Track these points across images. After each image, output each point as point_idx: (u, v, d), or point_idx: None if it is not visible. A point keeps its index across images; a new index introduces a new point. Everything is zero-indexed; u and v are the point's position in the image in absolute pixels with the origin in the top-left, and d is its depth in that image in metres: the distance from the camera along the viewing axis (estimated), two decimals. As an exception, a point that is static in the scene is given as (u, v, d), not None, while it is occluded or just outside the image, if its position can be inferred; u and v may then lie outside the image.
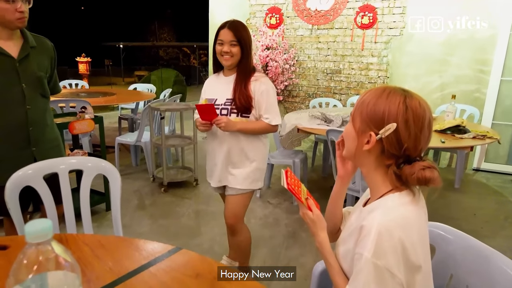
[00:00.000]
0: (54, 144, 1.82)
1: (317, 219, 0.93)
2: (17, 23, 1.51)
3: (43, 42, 1.71)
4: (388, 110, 0.81)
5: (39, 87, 1.67)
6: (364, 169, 0.91)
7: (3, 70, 1.54)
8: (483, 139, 2.62)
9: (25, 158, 1.62)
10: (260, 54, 4.44)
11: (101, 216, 2.86)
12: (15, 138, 1.62)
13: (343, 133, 0.94)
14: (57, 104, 3.52)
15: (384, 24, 4.33)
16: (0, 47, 1.53)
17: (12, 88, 1.57)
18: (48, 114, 1.77)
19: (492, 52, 3.94)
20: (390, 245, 0.76)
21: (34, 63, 1.63)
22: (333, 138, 2.57)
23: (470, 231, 0.99)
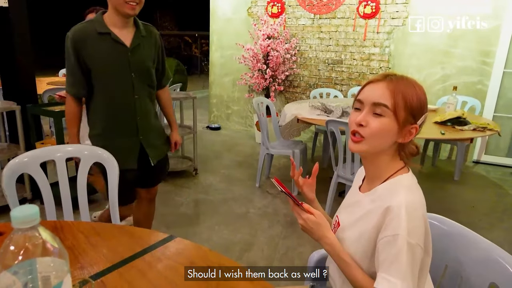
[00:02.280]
0: (159, 132, 1.84)
1: (321, 220, 0.90)
2: (127, 9, 1.48)
3: (151, 31, 1.69)
4: (424, 99, 0.86)
5: (147, 77, 1.67)
6: (379, 158, 0.89)
7: (117, 58, 1.56)
8: (483, 131, 2.60)
9: (133, 146, 1.70)
10: (261, 44, 4.39)
11: (99, 204, 2.88)
12: (126, 127, 1.67)
13: (369, 129, 0.85)
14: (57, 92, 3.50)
15: (387, 14, 4.27)
16: (115, 34, 1.54)
17: (123, 77, 1.58)
18: (153, 104, 1.79)
19: (495, 43, 3.89)
20: (418, 222, 0.80)
21: (143, 53, 1.63)
22: (333, 129, 2.56)
23: (468, 223, 0.99)
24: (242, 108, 5.40)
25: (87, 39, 1.51)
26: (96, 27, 1.52)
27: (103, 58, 1.54)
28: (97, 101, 1.63)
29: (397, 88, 0.84)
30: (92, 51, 1.52)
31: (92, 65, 1.54)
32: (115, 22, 1.54)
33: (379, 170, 0.90)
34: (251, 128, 5.34)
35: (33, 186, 2.75)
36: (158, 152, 1.81)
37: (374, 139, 0.86)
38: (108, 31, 1.53)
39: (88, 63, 1.54)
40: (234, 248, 2.37)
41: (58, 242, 0.53)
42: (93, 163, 1.53)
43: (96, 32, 1.52)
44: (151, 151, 1.75)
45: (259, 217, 2.81)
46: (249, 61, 4.54)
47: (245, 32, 4.87)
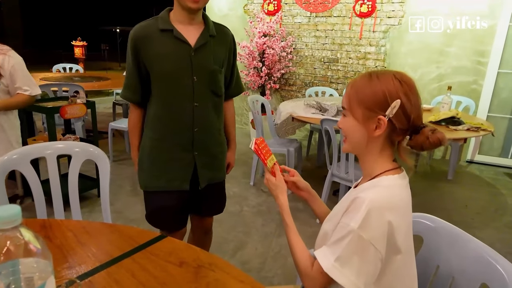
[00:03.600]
0: (217, 150, 1.55)
1: (279, 183, 1.02)
2: (189, 3, 1.28)
3: (223, 31, 1.48)
4: (387, 89, 0.83)
5: (211, 82, 1.42)
6: (367, 154, 0.90)
7: (177, 58, 1.34)
8: (477, 131, 2.62)
9: (186, 162, 1.45)
10: (257, 41, 4.37)
11: (93, 201, 2.86)
12: (181, 138, 1.42)
13: (343, 130, 0.91)
14: (50, 88, 3.47)
15: (383, 13, 4.27)
16: (178, 31, 1.34)
17: (183, 81, 1.36)
18: (218, 116, 1.52)
19: (490, 43, 3.90)
20: (378, 222, 0.78)
21: (210, 54, 1.40)
22: (327, 128, 2.55)
23: (461, 222, 1.00)
24: (238, 106, 5.38)
25: (148, 37, 1.33)
26: (159, 24, 1.34)
27: (162, 58, 1.34)
28: (153, 108, 1.42)
29: (353, 87, 0.88)
30: (151, 50, 1.34)
31: (150, 66, 1.36)
32: (181, 19, 1.35)
33: (368, 169, 0.90)
34: (246, 126, 5.33)
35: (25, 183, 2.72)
36: (210, 175, 1.53)
37: (349, 138, 0.91)
38: (170, 27, 1.33)
39: (146, 64, 1.36)
40: (228, 246, 2.37)
41: (41, 243, 0.51)
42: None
43: (158, 29, 1.34)
44: (202, 172, 1.48)
45: (253, 215, 2.80)
46: (245, 59, 4.52)
47: (241, 29, 4.84)
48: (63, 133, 2.88)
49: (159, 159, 1.44)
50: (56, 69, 5.51)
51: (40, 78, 4.22)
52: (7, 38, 2.67)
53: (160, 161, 1.44)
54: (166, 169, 1.44)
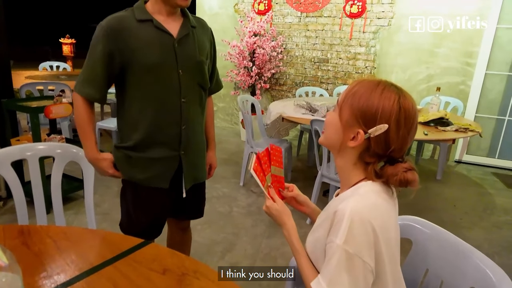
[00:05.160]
0: (200, 148, 1.47)
1: (282, 208, 0.95)
2: (179, 1, 1.22)
3: (203, 24, 1.40)
4: (382, 108, 0.78)
5: (198, 74, 1.34)
6: (341, 161, 0.88)
7: (161, 49, 1.24)
8: (465, 132, 2.63)
9: (172, 161, 1.36)
10: (247, 41, 4.34)
11: (79, 202, 2.79)
12: (167, 136, 1.32)
13: (325, 121, 0.90)
14: (35, 86, 3.39)
15: (373, 14, 4.28)
16: (158, 22, 1.24)
17: (168, 74, 1.26)
18: (203, 112, 1.44)
19: (478, 44, 3.94)
20: (361, 232, 0.75)
21: (194, 45, 1.31)
22: (317, 128, 2.54)
23: (449, 222, 0.99)
24: (228, 105, 5.35)
25: (125, 28, 1.21)
26: (135, 14, 1.23)
27: (143, 49, 1.22)
28: (132, 106, 1.29)
29: (355, 87, 0.83)
30: (130, 42, 1.21)
31: (129, 59, 1.22)
32: (159, 9, 1.25)
33: (345, 177, 0.89)
34: (237, 125, 5.30)
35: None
36: (196, 175, 1.46)
37: (326, 131, 0.89)
38: (149, 17, 1.23)
39: (124, 57, 1.22)
40: (217, 248, 2.34)
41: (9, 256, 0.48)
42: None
43: (136, 20, 1.22)
44: (188, 172, 1.40)
45: (243, 216, 2.78)
46: (235, 58, 4.48)
47: (232, 28, 4.81)
48: (48, 133, 2.82)
49: (141, 159, 1.32)
50: (43, 67, 5.40)
51: (25, 76, 4.13)
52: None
53: (140, 160, 1.32)
54: (148, 169, 1.34)
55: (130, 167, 1.34)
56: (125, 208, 1.44)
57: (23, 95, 3.29)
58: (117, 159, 1.35)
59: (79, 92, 1.27)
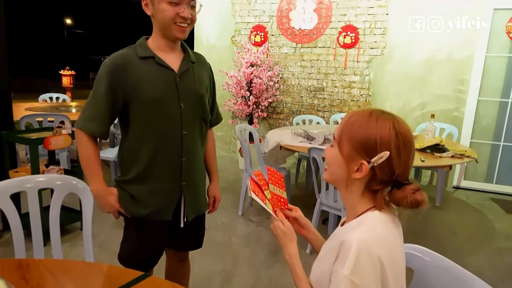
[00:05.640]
0: (201, 179, 1.48)
1: (288, 231, 0.95)
2: (176, 32, 1.25)
3: (202, 59, 1.45)
4: (380, 137, 0.80)
5: (200, 107, 1.37)
6: (348, 193, 0.88)
7: (163, 84, 1.28)
8: (461, 158, 2.66)
9: (173, 193, 1.37)
10: (244, 71, 4.45)
11: (76, 234, 2.75)
12: (168, 168, 1.34)
13: (326, 158, 0.90)
14: (35, 118, 3.43)
15: (366, 44, 4.42)
16: (160, 58, 1.28)
17: (170, 108, 1.29)
18: (203, 145, 1.47)
19: (469, 72, 4.06)
20: (369, 263, 0.75)
21: (195, 79, 1.36)
22: (315, 156, 2.56)
23: (451, 249, 0.99)
24: (226, 134, 5.39)
25: (128, 65, 1.26)
26: (137, 52, 1.28)
27: (146, 85, 1.26)
28: (134, 139, 1.32)
29: (349, 120, 0.85)
30: (133, 78, 1.25)
31: (132, 95, 1.26)
32: (160, 46, 1.30)
33: (351, 207, 0.89)
34: (235, 154, 5.32)
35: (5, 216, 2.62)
36: (198, 207, 1.47)
37: (330, 168, 0.90)
38: (151, 54, 1.28)
39: (127, 93, 1.26)
40: (215, 279, 2.29)
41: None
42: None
43: (138, 57, 1.27)
44: (190, 203, 1.41)
45: (242, 246, 2.74)
46: (233, 88, 4.58)
47: (229, 59, 4.94)
48: (47, 163, 2.82)
49: (144, 191, 1.33)
50: (43, 99, 5.47)
51: (25, 108, 4.18)
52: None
53: (145, 193, 1.34)
54: (151, 201, 1.34)
55: (133, 204, 1.36)
56: (128, 242, 1.44)
57: (23, 127, 3.32)
58: (120, 197, 1.37)
59: (82, 128, 1.28)
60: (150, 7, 1.26)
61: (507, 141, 4.06)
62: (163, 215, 1.36)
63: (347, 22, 4.47)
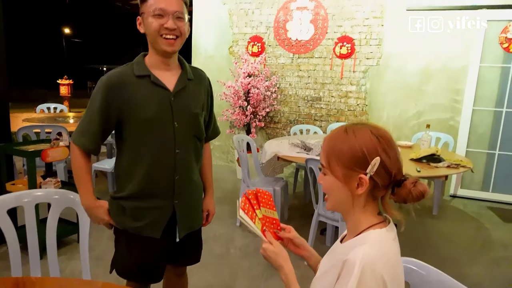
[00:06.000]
0: (195, 196, 1.49)
1: (279, 250, 0.94)
2: (164, 45, 1.25)
3: (200, 75, 1.45)
4: (365, 147, 0.82)
5: (194, 126, 1.38)
6: (351, 210, 0.88)
7: (157, 105, 1.28)
8: (457, 168, 2.68)
9: (165, 211, 1.37)
10: (242, 81, 4.49)
11: (73, 247, 2.74)
12: (160, 185, 1.35)
13: (323, 188, 0.90)
14: (32, 129, 3.43)
15: (362, 55, 4.48)
16: (155, 77, 1.29)
17: (163, 127, 1.30)
18: (198, 161, 1.47)
19: (464, 82, 4.11)
20: (372, 284, 0.75)
21: (190, 98, 1.36)
22: (312, 167, 2.58)
23: (449, 259, 1.00)
24: (224, 144, 5.41)
25: (124, 84, 1.27)
26: (134, 70, 1.29)
27: (140, 105, 1.27)
28: (128, 157, 1.33)
29: (329, 144, 0.87)
30: (128, 97, 1.26)
31: (126, 114, 1.27)
32: (157, 63, 1.31)
33: (353, 224, 0.89)
34: (233, 163, 5.32)
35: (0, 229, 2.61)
36: (191, 223, 1.47)
37: (331, 197, 0.89)
38: (147, 73, 1.29)
39: (121, 112, 1.28)
40: (213, 292, 2.28)
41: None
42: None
43: (134, 75, 1.28)
44: (182, 220, 1.41)
45: (240, 258, 2.73)
46: (230, 98, 4.60)
47: (227, 69, 4.98)
48: (43, 175, 2.81)
49: (136, 206, 1.34)
50: (40, 109, 5.47)
51: (23, 119, 4.18)
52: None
53: (136, 208, 1.34)
54: (142, 217, 1.35)
55: (123, 216, 1.36)
56: (119, 253, 1.44)
57: (20, 138, 3.32)
58: (111, 208, 1.38)
59: (74, 142, 1.31)
60: (142, 25, 1.29)
61: (502, 150, 4.09)
62: (151, 231, 1.36)
63: (343, 33, 4.52)
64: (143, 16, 1.26)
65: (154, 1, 1.22)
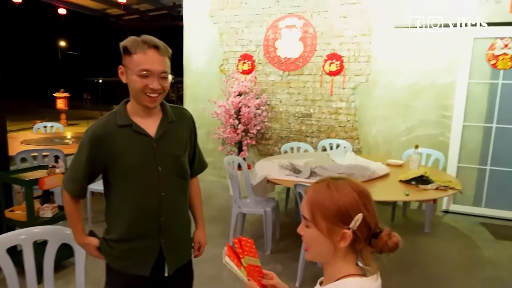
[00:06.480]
0: (183, 232, 1.52)
1: None
2: (146, 102, 1.29)
3: (182, 113, 1.49)
4: (348, 203, 0.86)
5: (177, 168, 1.42)
6: (331, 261, 0.90)
7: (140, 152, 1.33)
8: (446, 190, 2.69)
9: (152, 250, 1.40)
10: (232, 100, 4.50)
11: (70, 271, 2.69)
12: (146, 227, 1.38)
13: (305, 239, 0.92)
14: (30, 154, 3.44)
15: (351, 71, 4.51)
16: (137, 125, 1.33)
17: (147, 173, 1.34)
18: (186, 198, 1.51)
19: (452, 98, 4.14)
20: None
21: (172, 141, 1.40)
22: (301, 192, 2.58)
23: (439, 279, 1.01)
24: (216, 159, 5.40)
25: (107, 135, 1.31)
26: (117, 120, 1.33)
27: (123, 154, 1.31)
28: (115, 201, 1.38)
29: (313, 198, 0.90)
30: (111, 148, 1.31)
31: (111, 163, 1.32)
32: (138, 111, 1.34)
33: (332, 272, 0.91)
34: (225, 179, 5.31)
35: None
36: (179, 259, 1.49)
37: (312, 249, 0.92)
38: (129, 122, 1.33)
39: (106, 161, 1.33)
40: (202, 322, 2.26)
41: None
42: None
43: (117, 125, 1.32)
44: (170, 257, 1.43)
45: (232, 280, 2.71)
46: (221, 116, 4.62)
47: (218, 87, 5.00)
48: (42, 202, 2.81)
49: (123, 248, 1.38)
50: (37, 128, 5.47)
51: (20, 141, 4.19)
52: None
53: (124, 249, 1.39)
54: (130, 257, 1.39)
55: (111, 256, 1.41)
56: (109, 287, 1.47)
57: (18, 162, 3.35)
58: (101, 247, 1.43)
59: (65, 188, 1.39)
60: (124, 76, 1.30)
61: (493, 165, 4.11)
62: (140, 270, 1.39)
63: (332, 50, 4.57)
64: (127, 70, 1.28)
65: (140, 60, 1.24)
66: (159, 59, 1.27)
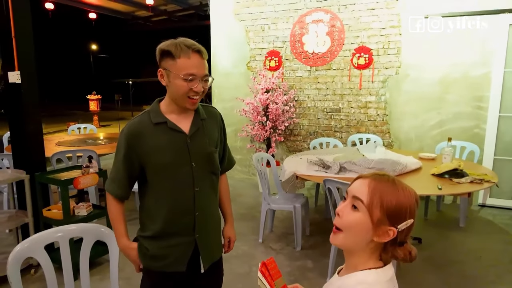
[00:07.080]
0: (216, 227, 1.56)
1: None
2: (188, 105, 1.34)
3: (212, 112, 1.53)
4: (409, 206, 0.86)
5: (209, 164, 1.46)
6: (360, 252, 0.91)
7: (175, 149, 1.37)
8: (481, 183, 2.62)
9: (187, 246, 1.44)
10: (260, 97, 4.56)
11: (105, 267, 2.87)
12: (181, 223, 1.42)
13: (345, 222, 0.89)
14: (65, 155, 3.65)
15: (380, 64, 4.44)
16: (172, 122, 1.37)
17: (182, 169, 1.38)
18: (216, 194, 1.55)
19: (487, 89, 3.99)
20: None
21: (204, 138, 1.44)
22: (331, 187, 2.60)
23: (474, 276, 1.02)
24: (245, 157, 5.49)
25: (142, 132, 1.35)
26: (151, 118, 1.37)
27: (159, 151, 1.35)
28: (150, 199, 1.42)
29: (377, 187, 0.87)
30: (146, 145, 1.35)
31: (147, 160, 1.36)
32: (172, 110, 1.39)
33: (355, 262, 0.91)
34: (254, 176, 5.39)
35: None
36: (213, 254, 1.53)
37: (349, 232, 0.88)
38: (164, 120, 1.37)
39: (142, 159, 1.36)
40: (237, 314, 2.34)
41: None
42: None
43: (152, 123, 1.36)
44: (205, 253, 1.47)
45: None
46: (250, 114, 4.69)
47: (245, 85, 5.07)
48: (77, 201, 2.99)
49: (159, 246, 1.42)
50: (72, 130, 5.78)
51: (56, 143, 4.44)
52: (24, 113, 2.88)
53: (160, 248, 1.42)
54: (165, 255, 1.43)
55: (148, 258, 1.45)
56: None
57: (54, 162, 3.54)
58: (138, 249, 1.47)
59: (107, 190, 1.44)
60: (165, 79, 1.34)
61: (532, 157, 3.94)
62: (177, 266, 1.43)
63: (360, 44, 4.51)
64: (170, 74, 1.30)
65: (184, 65, 1.28)
66: (202, 62, 1.31)
